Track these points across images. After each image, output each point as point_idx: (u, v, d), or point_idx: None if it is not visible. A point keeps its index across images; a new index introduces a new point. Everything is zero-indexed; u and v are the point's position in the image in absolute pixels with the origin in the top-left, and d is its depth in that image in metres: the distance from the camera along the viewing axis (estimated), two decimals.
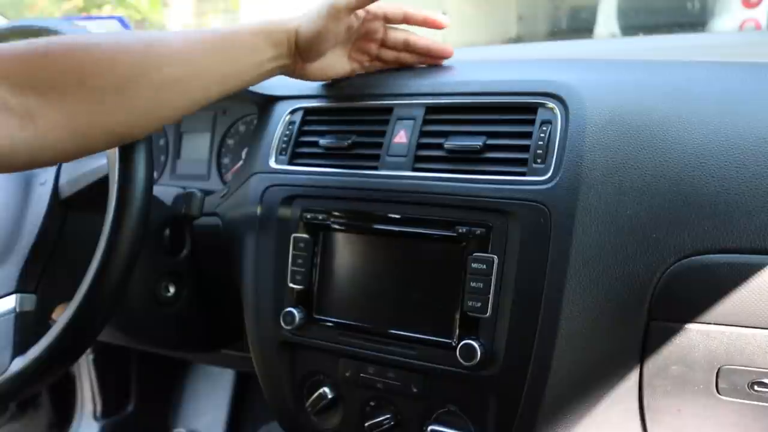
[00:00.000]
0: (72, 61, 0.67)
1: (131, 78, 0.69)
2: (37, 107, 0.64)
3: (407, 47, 0.91)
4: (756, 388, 0.69)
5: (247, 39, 0.79)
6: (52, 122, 0.65)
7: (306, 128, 0.92)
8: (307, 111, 0.93)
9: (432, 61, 0.92)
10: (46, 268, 0.90)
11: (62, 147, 0.67)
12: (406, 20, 0.89)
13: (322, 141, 0.89)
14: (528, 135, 0.76)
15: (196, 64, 0.74)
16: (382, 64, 0.93)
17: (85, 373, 1.51)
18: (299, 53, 0.84)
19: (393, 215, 0.81)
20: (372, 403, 0.84)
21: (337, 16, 0.82)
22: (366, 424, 0.84)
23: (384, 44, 0.91)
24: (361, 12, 0.86)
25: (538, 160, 0.74)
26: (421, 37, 0.91)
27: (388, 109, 0.86)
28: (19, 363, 0.81)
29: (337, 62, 0.88)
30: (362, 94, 0.90)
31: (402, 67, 0.93)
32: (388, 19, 0.88)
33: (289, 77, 0.88)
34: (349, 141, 0.87)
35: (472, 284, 0.75)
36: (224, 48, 0.77)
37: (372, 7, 0.86)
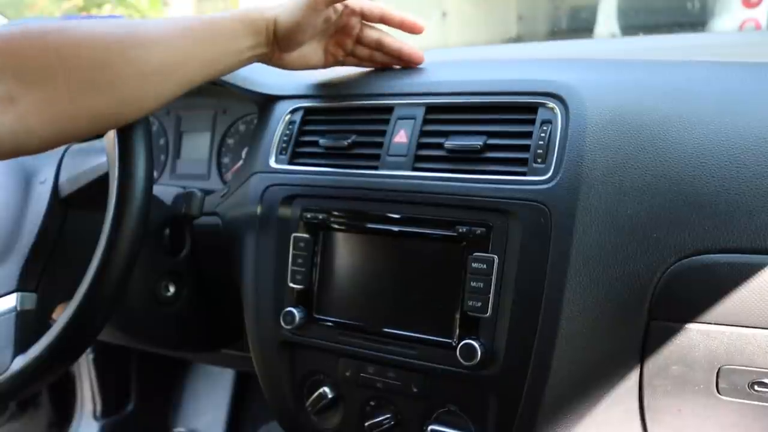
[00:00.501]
0: (50, 44, 0.66)
1: (111, 59, 0.69)
2: (17, 90, 0.64)
3: (380, 47, 0.91)
4: (756, 388, 0.69)
5: (228, 26, 0.80)
6: (34, 106, 0.65)
7: (306, 128, 0.92)
8: (308, 111, 0.93)
9: (403, 63, 0.92)
10: (47, 267, 0.89)
11: (46, 133, 0.67)
12: (383, 20, 0.89)
13: (323, 141, 0.89)
14: (528, 135, 0.76)
15: (179, 48, 0.75)
16: (356, 60, 0.93)
17: (85, 372, 1.51)
18: (277, 43, 0.84)
19: (393, 215, 0.81)
20: (372, 403, 0.84)
21: (315, 8, 0.82)
22: (366, 424, 0.84)
23: (359, 41, 0.91)
24: (339, 6, 0.86)
25: (539, 160, 0.74)
26: (394, 38, 0.91)
27: (389, 109, 0.86)
28: (20, 362, 0.81)
29: (313, 54, 0.89)
30: (362, 94, 0.90)
31: (402, 67, 0.93)
32: (365, 16, 0.89)
33: (278, 70, 0.89)
34: (349, 141, 0.87)
35: (473, 284, 0.75)
36: (206, 34, 0.78)
37: (350, 2, 0.87)
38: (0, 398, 0.84)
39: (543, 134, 0.75)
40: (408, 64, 0.92)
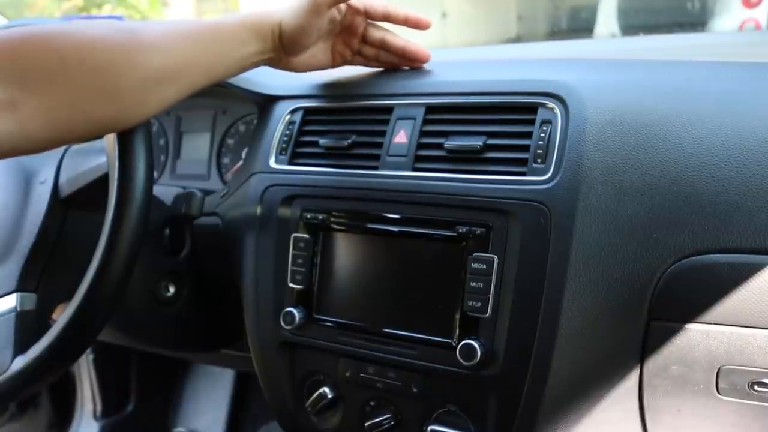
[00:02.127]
0: (53, 48, 0.66)
1: (114, 65, 0.68)
2: (20, 96, 0.64)
3: (384, 46, 0.90)
4: (756, 388, 0.69)
5: (233, 31, 0.79)
6: (34, 111, 0.65)
7: (306, 128, 0.92)
8: (307, 111, 0.93)
9: (408, 63, 0.92)
10: (47, 267, 0.89)
11: (44, 135, 0.67)
12: (387, 18, 0.88)
13: (322, 141, 0.89)
14: (528, 135, 0.76)
15: (181, 53, 0.74)
16: (363, 59, 0.93)
17: (85, 373, 1.51)
18: (283, 47, 0.84)
19: (393, 215, 0.81)
20: (372, 403, 0.84)
21: (319, 11, 0.82)
22: (366, 424, 0.84)
23: (365, 40, 0.90)
24: (342, 6, 0.86)
25: (538, 160, 0.74)
26: (398, 37, 0.90)
27: (389, 109, 0.86)
28: (19, 362, 0.81)
29: (321, 54, 0.89)
30: (362, 94, 0.90)
31: (402, 67, 0.93)
32: (368, 15, 0.88)
33: (278, 70, 0.88)
34: (349, 141, 0.87)
35: (472, 284, 0.75)
36: (210, 39, 0.77)
37: (353, 2, 0.86)
38: (0, 399, 0.84)
39: (543, 134, 0.75)
40: (413, 63, 0.92)
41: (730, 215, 0.68)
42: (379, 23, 0.90)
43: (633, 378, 0.75)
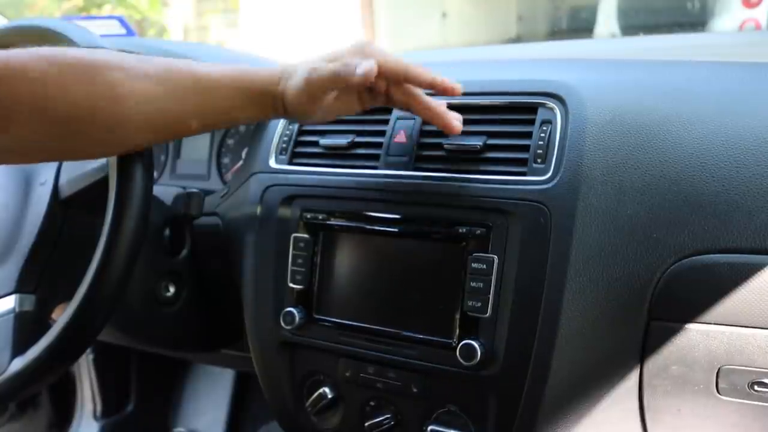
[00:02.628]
0: (21, 87, 0.64)
1: (82, 111, 0.67)
2: None
3: (409, 109, 0.78)
4: (756, 388, 0.69)
5: (226, 92, 0.73)
6: (6, 140, 0.66)
7: (306, 128, 0.92)
8: None
9: (439, 127, 0.79)
10: (46, 268, 0.89)
11: (17, 158, 0.70)
12: (409, 82, 0.75)
13: (322, 141, 0.89)
14: (528, 135, 0.76)
15: (161, 108, 0.70)
16: (395, 105, 0.79)
17: (85, 373, 1.51)
18: (289, 115, 0.76)
19: (393, 215, 0.81)
20: (372, 403, 0.84)
21: (318, 96, 0.74)
22: (366, 424, 0.84)
23: (390, 101, 0.78)
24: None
25: (539, 160, 0.74)
26: (423, 102, 0.76)
27: (388, 109, 0.86)
28: (18, 363, 0.81)
29: (343, 106, 0.78)
30: None
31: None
32: (387, 79, 0.75)
33: None
34: (349, 140, 0.87)
35: (472, 284, 0.75)
36: (196, 94, 0.72)
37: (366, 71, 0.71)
38: None
39: (543, 134, 0.75)
40: (445, 126, 0.78)
41: (730, 215, 0.68)
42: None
43: (633, 378, 0.75)
